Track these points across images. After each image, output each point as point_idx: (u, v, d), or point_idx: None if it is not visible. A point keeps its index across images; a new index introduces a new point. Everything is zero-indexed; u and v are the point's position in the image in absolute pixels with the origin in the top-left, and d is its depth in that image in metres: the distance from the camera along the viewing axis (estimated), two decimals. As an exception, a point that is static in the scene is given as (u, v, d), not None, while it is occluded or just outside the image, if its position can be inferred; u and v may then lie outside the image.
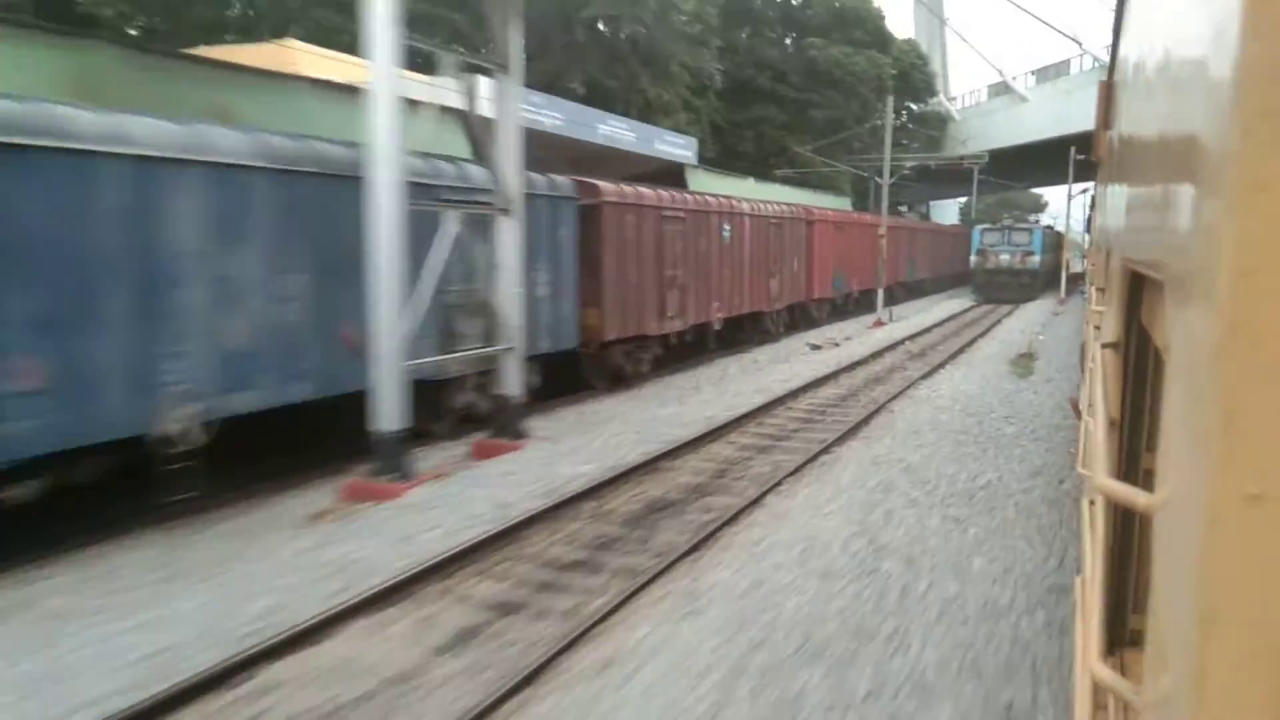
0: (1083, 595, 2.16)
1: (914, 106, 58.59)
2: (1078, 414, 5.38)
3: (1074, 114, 40.74)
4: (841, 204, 41.70)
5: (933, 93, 56.80)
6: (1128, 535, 2.48)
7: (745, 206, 22.29)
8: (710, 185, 26.79)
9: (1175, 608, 0.87)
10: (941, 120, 58.66)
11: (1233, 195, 0.69)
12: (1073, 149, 37.69)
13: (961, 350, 23.42)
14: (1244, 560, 0.69)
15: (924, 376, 19.09)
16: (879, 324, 29.16)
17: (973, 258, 41.00)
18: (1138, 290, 2.23)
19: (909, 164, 58.40)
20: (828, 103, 45.25)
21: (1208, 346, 0.75)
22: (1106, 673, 1.41)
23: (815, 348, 23.21)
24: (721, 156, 39.51)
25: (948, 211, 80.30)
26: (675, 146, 26.24)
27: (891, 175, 50.57)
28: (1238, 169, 0.68)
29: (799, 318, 27.80)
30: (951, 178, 52.25)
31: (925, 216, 76.26)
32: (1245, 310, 0.69)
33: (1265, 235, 0.67)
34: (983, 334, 27.84)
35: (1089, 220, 23.81)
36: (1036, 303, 39.37)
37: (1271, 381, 0.68)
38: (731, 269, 21.63)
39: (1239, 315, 0.69)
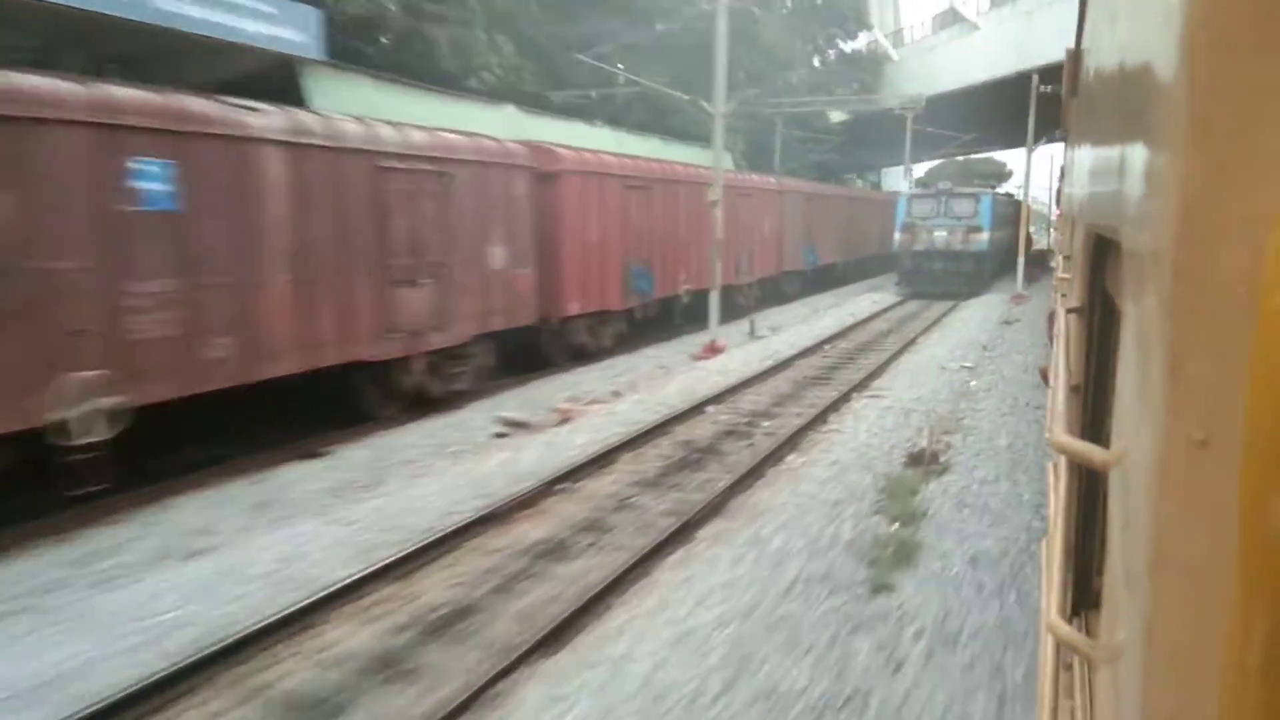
0: (1047, 556, 2.26)
1: (843, 46, 47.45)
2: (1046, 382, 5.24)
3: (1035, 42, 29.94)
4: (694, 157, 30.42)
5: (864, 25, 45.52)
6: (1092, 499, 2.43)
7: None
8: (360, 99, 15.34)
9: (1127, 560, 0.90)
10: (878, 63, 47.57)
11: (1178, 137, 0.70)
12: (1035, 79, 26.70)
13: (806, 431, 12.19)
14: (1191, 507, 0.70)
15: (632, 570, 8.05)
16: (710, 352, 18.06)
17: (897, 236, 30.04)
18: (1101, 255, 2.31)
19: (836, 114, 47.49)
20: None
21: (1155, 292, 0.77)
22: (1066, 629, 1.40)
23: (499, 435, 11.77)
24: (547, 89, 27.97)
25: (902, 182, 69.52)
26: (271, 25, 13.67)
27: (796, 127, 39.00)
28: (1184, 110, 0.69)
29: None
30: (890, 136, 41.24)
31: (877, 187, 65.04)
32: (1191, 253, 0.69)
33: (1211, 175, 0.68)
34: (875, 373, 16.85)
35: (1057, 192, 21.37)
36: (983, 300, 28.55)
37: (1217, 323, 0.68)
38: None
39: (1185, 258, 0.70)
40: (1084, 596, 2.40)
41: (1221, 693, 0.65)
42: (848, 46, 47.72)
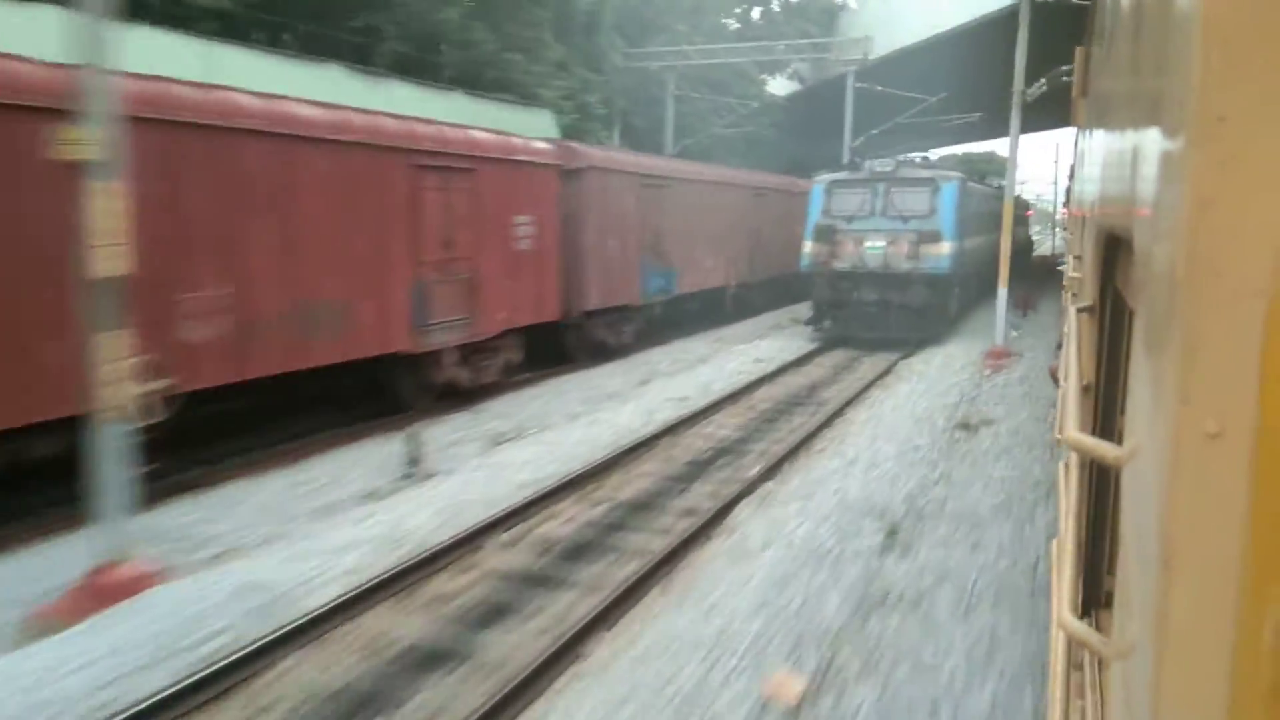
0: (1058, 555, 2.22)
1: (784, -11, 36.58)
2: (1056, 382, 5.35)
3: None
4: (545, 128, 19.44)
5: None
6: (1102, 499, 2.49)
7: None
8: None
9: (1139, 555, 0.90)
10: (831, 13, 36.73)
11: (1193, 126, 0.70)
12: (1024, 7, 15.78)
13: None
14: (1204, 501, 0.70)
15: None
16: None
17: (806, 247, 19.00)
18: (1113, 253, 2.29)
19: (782, 84, 36.57)
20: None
21: (1169, 286, 0.77)
22: (1077, 625, 1.37)
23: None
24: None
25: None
26: None
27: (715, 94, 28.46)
28: (1198, 99, 0.69)
29: None
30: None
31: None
32: (1205, 241, 0.69)
33: (1224, 164, 0.68)
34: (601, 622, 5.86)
35: (1067, 190, 21.81)
36: (943, 354, 17.60)
37: (1231, 312, 0.68)
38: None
39: (1198, 246, 0.70)
40: (1094, 595, 2.45)
41: (1234, 686, 0.66)
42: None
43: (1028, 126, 60.06)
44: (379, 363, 10.91)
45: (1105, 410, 2.50)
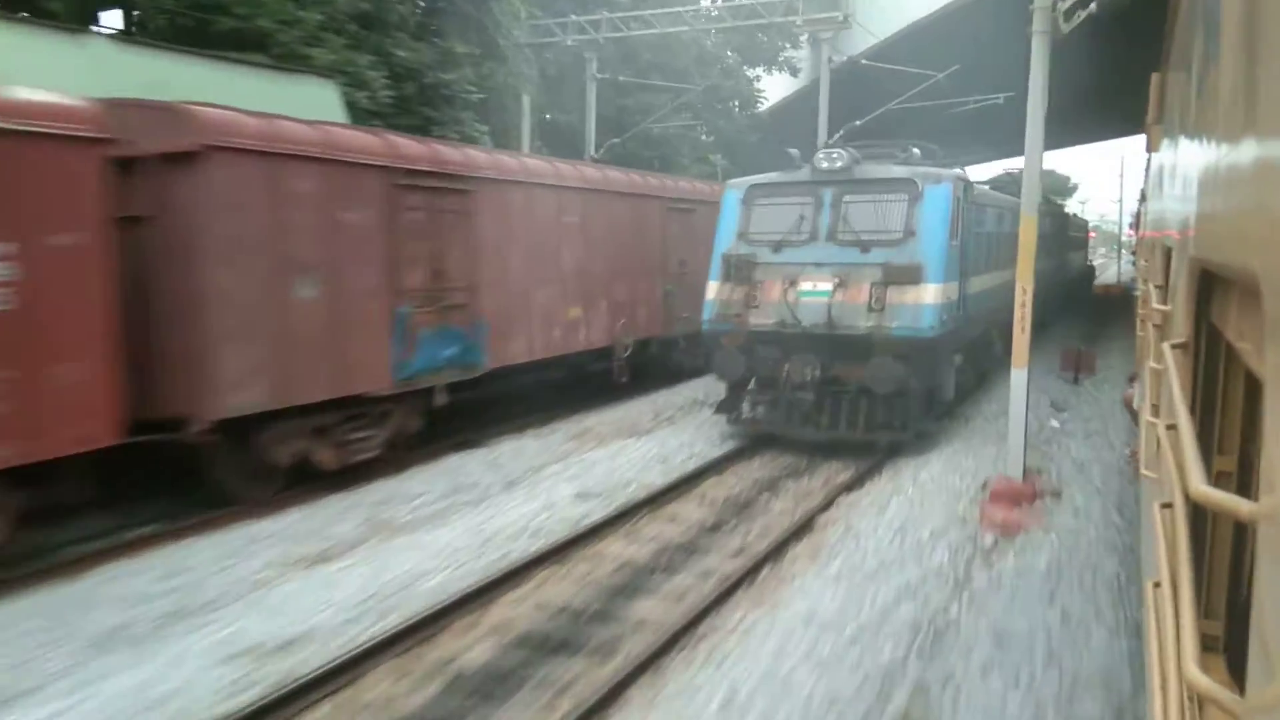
0: (1156, 602, 2.18)
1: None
2: (1132, 414, 4.77)
3: None
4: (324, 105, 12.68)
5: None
6: (1198, 538, 2.35)
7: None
8: None
9: None
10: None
11: None
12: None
13: None
14: None
15: None
16: None
17: (710, 290, 11.83)
18: (1207, 289, 2.25)
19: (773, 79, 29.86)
20: None
21: None
22: (1206, 681, 1.28)
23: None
24: None
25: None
26: None
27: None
28: None
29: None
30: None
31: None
32: None
33: None
34: None
35: (1136, 215, 21.17)
36: (932, 471, 10.29)
37: None
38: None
39: None
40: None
41: None
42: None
43: (1088, 135, 50.98)
44: None
45: (1201, 448, 2.10)
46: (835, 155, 11.49)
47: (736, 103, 28.97)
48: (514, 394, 13.60)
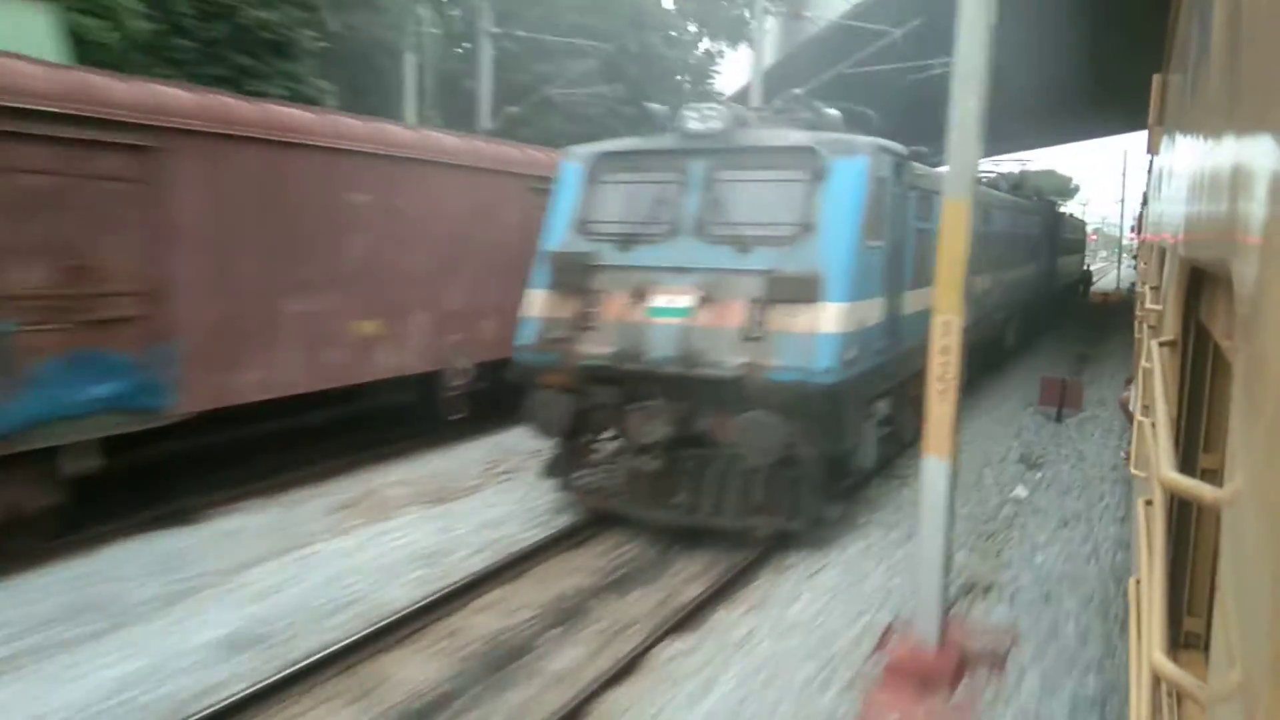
0: (1138, 596, 2.18)
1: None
2: (1128, 415, 4.96)
3: None
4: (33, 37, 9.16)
5: None
6: (1183, 538, 2.42)
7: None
8: None
9: (1245, 604, 0.88)
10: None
11: None
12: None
13: None
14: None
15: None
16: None
17: (531, 300, 8.30)
18: (1196, 287, 2.32)
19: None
20: None
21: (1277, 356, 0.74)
22: (1172, 668, 1.34)
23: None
24: None
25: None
26: None
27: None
28: None
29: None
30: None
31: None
32: None
33: None
34: None
35: (1138, 218, 19.81)
36: (834, 588, 6.75)
37: None
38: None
39: None
40: (1174, 636, 2.34)
41: None
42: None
43: (1088, 132, 47.55)
44: None
45: (1187, 444, 2.45)
46: (710, 112, 7.92)
47: (687, 78, 25.39)
48: (298, 434, 10.08)
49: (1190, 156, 2.23)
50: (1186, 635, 2.52)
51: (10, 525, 6.65)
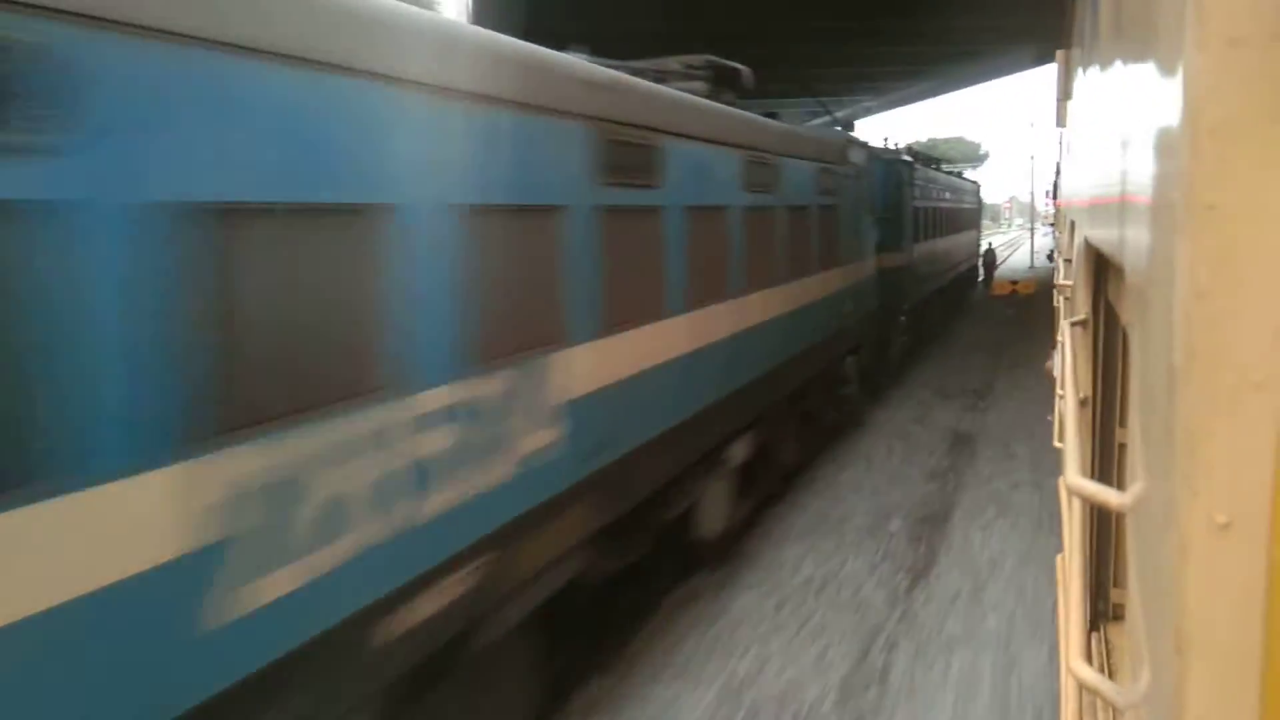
0: (1064, 576, 2.31)
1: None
2: (1052, 381, 5.24)
3: None
4: None
5: None
6: (1105, 515, 2.44)
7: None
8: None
9: (1151, 622, 0.88)
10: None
11: (1184, 215, 0.66)
12: None
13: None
14: (1217, 589, 0.68)
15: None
16: None
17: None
18: (1103, 268, 2.26)
19: None
20: None
21: (1165, 370, 0.74)
22: (1089, 673, 1.32)
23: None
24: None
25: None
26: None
27: None
28: (1189, 188, 0.65)
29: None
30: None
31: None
32: (1201, 335, 0.66)
33: (1218, 256, 0.64)
34: None
35: (1054, 186, 19.69)
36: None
37: (1233, 407, 0.65)
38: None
39: (1196, 340, 0.66)
40: (1101, 608, 2.44)
41: None
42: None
43: (995, 70, 36.10)
44: None
45: (1103, 420, 2.42)
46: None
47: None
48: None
49: (1087, 136, 2.23)
50: (1115, 608, 2.57)
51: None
